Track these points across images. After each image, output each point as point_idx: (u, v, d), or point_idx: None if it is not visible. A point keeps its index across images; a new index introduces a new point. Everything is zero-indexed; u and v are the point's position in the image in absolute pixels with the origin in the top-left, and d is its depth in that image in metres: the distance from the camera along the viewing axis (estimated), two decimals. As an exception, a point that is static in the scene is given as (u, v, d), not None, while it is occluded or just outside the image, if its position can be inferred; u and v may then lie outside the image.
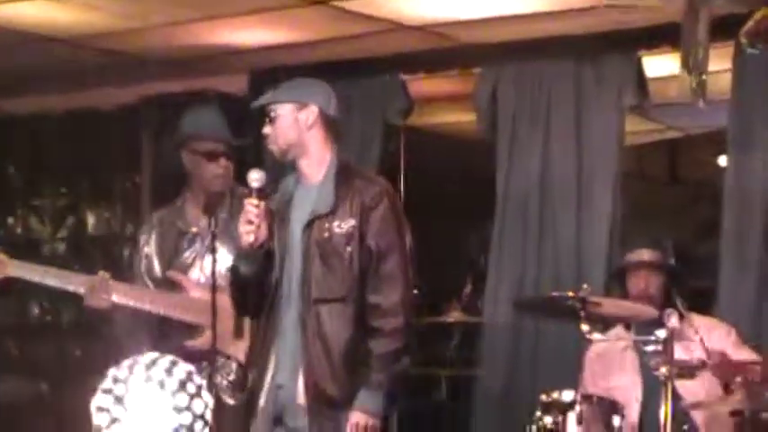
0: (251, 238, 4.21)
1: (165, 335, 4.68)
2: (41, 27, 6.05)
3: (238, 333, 4.56)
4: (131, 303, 4.65)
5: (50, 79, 7.01)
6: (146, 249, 4.87)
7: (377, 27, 5.96)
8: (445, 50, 6.29)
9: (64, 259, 7.43)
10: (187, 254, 4.78)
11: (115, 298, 4.64)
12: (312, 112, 4.30)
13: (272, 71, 6.53)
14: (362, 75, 6.47)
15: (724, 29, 5.00)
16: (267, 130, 4.33)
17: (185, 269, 4.75)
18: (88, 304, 4.66)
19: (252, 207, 4.21)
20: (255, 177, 4.22)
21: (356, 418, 4.15)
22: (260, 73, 6.73)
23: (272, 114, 4.32)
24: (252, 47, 6.38)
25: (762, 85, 5.50)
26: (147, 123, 7.14)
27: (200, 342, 4.56)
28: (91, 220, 7.67)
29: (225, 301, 4.47)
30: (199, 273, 4.74)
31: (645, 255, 4.90)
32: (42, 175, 7.73)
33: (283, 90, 4.38)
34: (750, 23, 4.51)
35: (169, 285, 4.74)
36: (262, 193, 4.23)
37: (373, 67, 6.48)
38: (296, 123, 4.30)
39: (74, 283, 4.69)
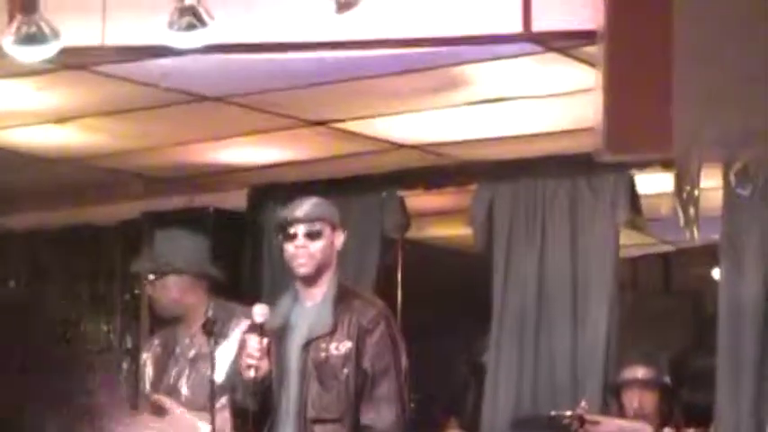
0: (252, 374, 4.19)
1: None
2: (47, 149, 6.15)
3: None
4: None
5: (52, 196, 7.08)
6: (145, 369, 4.89)
7: (375, 146, 6.07)
8: (442, 168, 6.40)
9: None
10: (173, 373, 4.80)
11: None
12: (341, 237, 4.27)
13: (272, 188, 6.63)
14: (361, 191, 6.55)
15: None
16: (305, 244, 4.20)
17: (171, 389, 4.77)
18: None
19: (254, 343, 4.21)
20: (260, 312, 4.18)
21: None
22: (259, 190, 6.82)
23: (315, 230, 4.22)
24: (252, 165, 6.48)
25: (751, 201, 5.59)
26: (147, 238, 7.19)
27: None
28: (88, 333, 7.67)
29: (208, 423, 4.44)
30: (184, 391, 4.74)
31: (639, 372, 4.94)
32: (42, 289, 7.77)
33: (326, 209, 4.26)
34: (738, 165, 4.62)
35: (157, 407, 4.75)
36: (264, 329, 4.22)
37: (371, 184, 6.57)
38: (332, 246, 4.24)
39: None
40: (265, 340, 4.17)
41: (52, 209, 7.35)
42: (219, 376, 4.56)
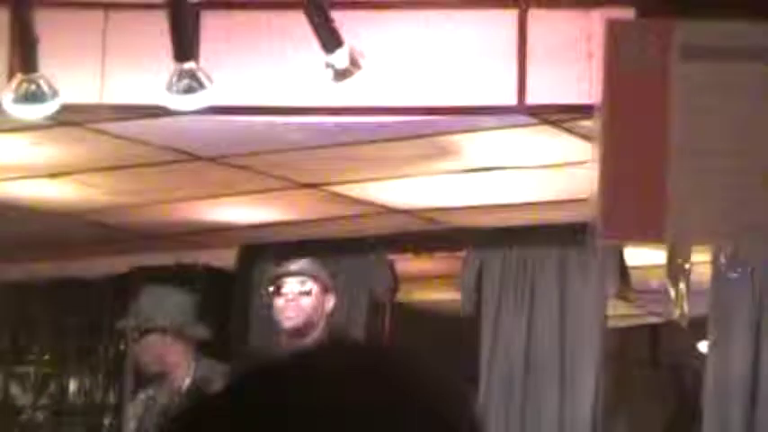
0: None
1: None
2: (39, 203, 6.15)
3: None
4: None
5: (40, 248, 7.07)
6: (129, 425, 4.87)
7: (366, 209, 6.09)
8: (432, 233, 6.41)
9: (43, 428, 7.37)
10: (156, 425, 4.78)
11: None
12: (331, 300, 4.31)
13: (262, 247, 6.63)
14: (350, 253, 6.55)
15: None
16: (293, 297, 4.21)
17: None
18: None
19: None
20: None
21: None
22: (249, 248, 6.82)
23: (308, 287, 4.23)
24: (243, 224, 6.49)
25: (741, 277, 5.61)
26: (136, 293, 7.18)
27: None
28: (72, 387, 7.62)
29: None
30: None
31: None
32: (27, 342, 7.73)
33: (319, 268, 4.30)
34: (729, 251, 4.65)
35: None
36: None
37: (361, 247, 6.58)
38: (322, 306, 4.26)
39: None
40: None
41: (41, 261, 7.34)
42: None
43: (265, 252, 6.52)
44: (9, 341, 7.73)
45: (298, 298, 4.21)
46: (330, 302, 4.28)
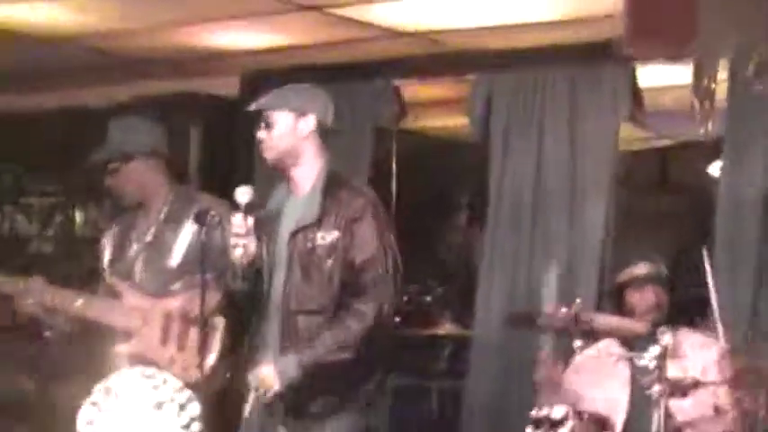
0: (238, 253, 4.20)
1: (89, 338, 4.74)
2: (33, 28, 6.00)
3: (164, 340, 4.58)
4: (59, 307, 4.66)
5: (40, 78, 6.96)
6: (103, 252, 4.91)
7: (369, 33, 5.92)
8: (438, 57, 6.25)
9: (51, 258, 7.39)
10: (129, 257, 4.80)
11: (43, 301, 4.66)
12: (310, 121, 4.27)
13: (264, 74, 6.49)
14: (354, 80, 6.42)
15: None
16: (262, 135, 4.28)
17: (125, 273, 4.77)
18: (17, 307, 4.68)
19: (237, 221, 4.19)
20: (242, 192, 4.20)
21: (263, 369, 4.13)
22: (251, 76, 6.69)
23: (269, 120, 4.26)
24: (243, 50, 6.34)
25: (757, 93, 5.48)
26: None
27: (128, 347, 4.59)
28: (79, 219, 7.62)
29: (159, 306, 4.58)
30: (138, 276, 4.76)
31: (638, 269, 4.87)
32: (32, 174, 7.68)
33: (283, 96, 4.31)
34: (756, 59, 4.48)
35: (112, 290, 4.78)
36: (249, 209, 4.20)
37: (365, 73, 6.44)
38: (293, 132, 4.26)
39: (2, 285, 4.71)
40: (250, 219, 4.18)
41: (41, 91, 7.23)
42: (175, 260, 4.64)
43: (268, 79, 6.37)
44: (13, 174, 7.70)
45: (265, 133, 4.24)
46: (306, 124, 4.24)
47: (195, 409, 3.91)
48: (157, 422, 3.88)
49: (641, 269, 4.86)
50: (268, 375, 4.13)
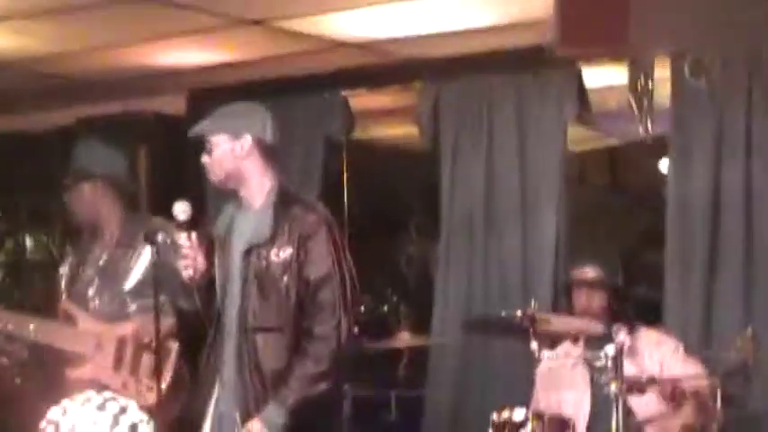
0: (189, 272, 4.17)
1: (44, 363, 4.70)
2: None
3: (118, 365, 4.56)
4: (13, 333, 4.64)
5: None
6: (61, 281, 4.89)
7: (316, 45, 5.92)
8: (385, 66, 6.26)
9: (2, 284, 7.31)
10: (84, 282, 4.78)
11: None
12: (246, 141, 4.25)
13: (211, 91, 6.46)
14: (303, 93, 6.42)
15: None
16: (205, 159, 4.30)
17: (80, 298, 4.76)
18: None
19: (183, 241, 4.17)
20: (181, 210, 4.17)
21: (252, 425, 4.11)
22: (198, 93, 6.66)
23: (209, 145, 4.27)
24: (189, 67, 6.31)
25: (701, 93, 5.53)
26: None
27: (81, 372, 4.55)
28: (29, 243, 7.54)
29: (112, 331, 4.57)
30: (92, 300, 4.73)
31: (588, 273, 4.90)
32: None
33: (217, 119, 4.32)
34: (692, 56, 4.53)
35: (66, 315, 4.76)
36: (190, 225, 4.18)
37: (313, 85, 6.43)
38: (231, 153, 4.24)
39: None
40: (194, 235, 4.17)
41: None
42: (129, 284, 4.63)
43: (215, 96, 6.33)
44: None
45: (208, 158, 4.26)
46: (241, 144, 4.24)
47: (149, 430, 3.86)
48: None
49: (585, 273, 4.88)
50: (255, 427, 4.10)
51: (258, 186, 4.27)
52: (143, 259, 4.68)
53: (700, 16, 3.52)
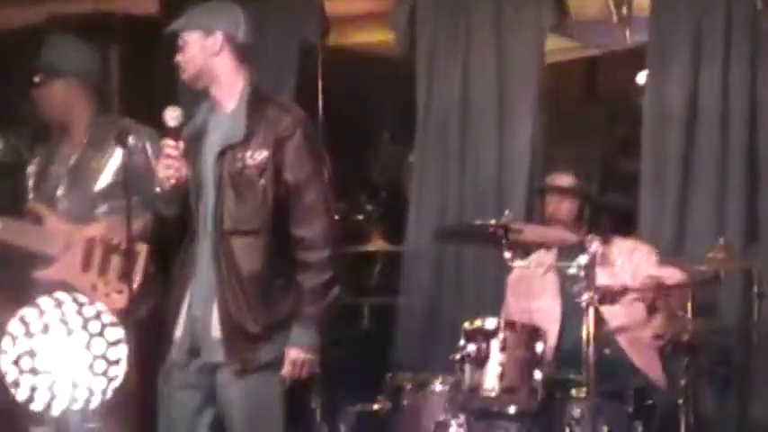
0: (172, 181, 4.15)
1: (9, 263, 4.67)
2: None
3: (86, 266, 4.51)
4: None
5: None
6: (29, 181, 4.83)
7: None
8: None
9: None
10: (52, 183, 4.74)
11: None
12: (218, 38, 4.20)
13: (184, -9, 6.32)
14: (278, -6, 6.30)
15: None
16: (179, 57, 4.25)
17: (49, 199, 4.71)
18: None
19: (170, 148, 4.13)
20: (172, 116, 4.14)
21: (292, 355, 4.14)
22: (170, -8, 6.51)
23: (181, 42, 4.24)
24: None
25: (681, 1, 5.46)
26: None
27: (48, 272, 4.49)
28: (-1, 145, 7.46)
29: (81, 232, 4.53)
30: (61, 201, 4.68)
31: (558, 179, 4.88)
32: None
33: (189, 17, 4.28)
34: None
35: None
36: (179, 132, 4.15)
37: (288, -13, 6.31)
38: (203, 51, 4.22)
39: None
40: (181, 143, 4.12)
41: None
42: (99, 185, 4.59)
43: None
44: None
45: (179, 58, 4.26)
46: (212, 42, 4.21)
47: (119, 333, 3.85)
48: (80, 343, 3.81)
49: (560, 179, 4.86)
50: (298, 357, 4.10)
51: (230, 86, 4.23)
52: (113, 161, 4.62)
53: None
